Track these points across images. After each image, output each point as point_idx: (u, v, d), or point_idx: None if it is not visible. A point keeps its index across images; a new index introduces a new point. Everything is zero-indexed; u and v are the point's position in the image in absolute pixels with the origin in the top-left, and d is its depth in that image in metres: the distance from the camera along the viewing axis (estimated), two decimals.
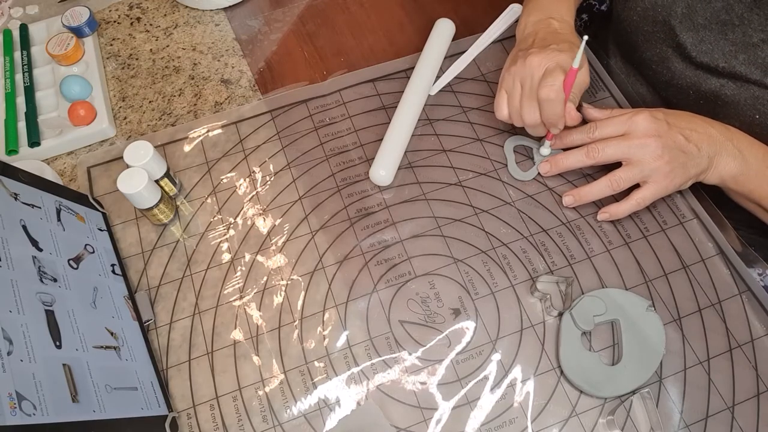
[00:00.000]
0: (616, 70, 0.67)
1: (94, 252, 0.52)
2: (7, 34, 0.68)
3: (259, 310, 0.53)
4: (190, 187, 0.59)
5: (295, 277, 0.54)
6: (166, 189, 0.57)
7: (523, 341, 0.50)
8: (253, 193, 0.59)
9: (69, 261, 0.48)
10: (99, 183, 0.60)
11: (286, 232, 0.56)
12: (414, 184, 0.58)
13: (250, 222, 0.57)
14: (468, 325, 0.51)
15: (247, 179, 0.59)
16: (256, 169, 0.60)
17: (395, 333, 0.51)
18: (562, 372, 0.49)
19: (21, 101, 0.63)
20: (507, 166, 0.59)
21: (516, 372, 0.49)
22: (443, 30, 0.66)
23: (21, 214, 0.46)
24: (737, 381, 0.48)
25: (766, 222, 0.54)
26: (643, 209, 0.55)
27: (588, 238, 0.55)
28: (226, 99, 0.65)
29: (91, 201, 0.56)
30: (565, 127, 0.54)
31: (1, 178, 0.47)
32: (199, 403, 0.49)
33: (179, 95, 0.66)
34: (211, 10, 0.72)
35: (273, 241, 0.56)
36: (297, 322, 0.52)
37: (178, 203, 0.58)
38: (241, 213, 0.57)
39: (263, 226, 0.57)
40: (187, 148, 0.61)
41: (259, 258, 0.55)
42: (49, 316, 0.42)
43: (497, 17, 0.68)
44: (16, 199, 0.47)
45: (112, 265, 0.53)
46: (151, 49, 0.70)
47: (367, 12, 0.72)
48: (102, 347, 0.45)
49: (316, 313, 0.52)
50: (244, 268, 0.54)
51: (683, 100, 0.58)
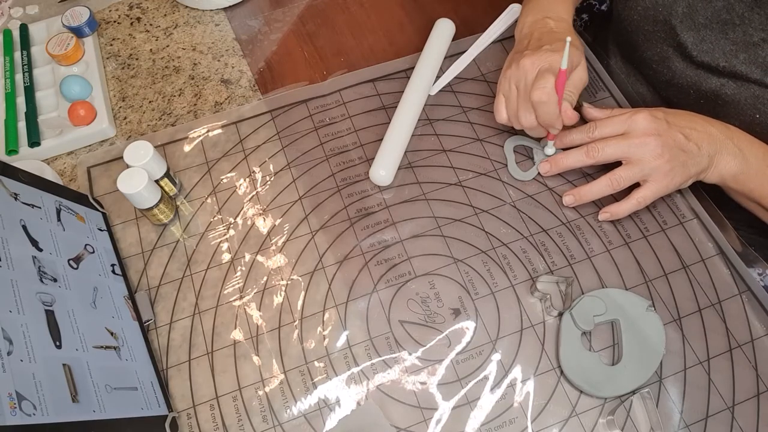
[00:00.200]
0: (616, 70, 0.67)
1: (94, 252, 0.52)
2: (7, 34, 0.68)
3: (259, 310, 0.53)
4: (190, 187, 0.59)
5: (295, 277, 0.54)
6: (166, 189, 0.57)
7: (523, 341, 0.50)
8: (253, 193, 0.59)
9: (69, 261, 0.48)
10: (99, 183, 0.60)
11: (286, 232, 0.56)
12: (414, 184, 0.58)
13: (250, 222, 0.57)
14: (468, 325, 0.51)
15: (247, 179, 0.59)
16: (256, 169, 0.60)
17: (395, 333, 0.51)
18: (562, 372, 0.49)
19: (21, 101, 0.63)
20: (507, 166, 0.59)
21: (516, 372, 0.49)
22: (443, 30, 0.66)
23: (21, 214, 0.46)
24: (737, 381, 0.48)
25: (766, 221, 0.54)
26: (643, 209, 0.55)
27: (588, 238, 0.55)
28: (226, 99, 0.65)
29: (91, 201, 0.56)
30: (565, 127, 0.54)
31: (1, 178, 0.47)
32: (199, 403, 0.49)
33: (179, 95, 0.66)
34: (211, 10, 0.72)
35: (273, 241, 0.56)
36: (297, 322, 0.52)
37: (178, 203, 0.58)
38: (241, 213, 0.57)
39: (263, 226, 0.57)
40: (187, 148, 0.61)
41: (259, 258, 0.55)
42: (49, 316, 0.42)
43: (497, 17, 0.68)
44: (16, 199, 0.47)
45: (112, 265, 0.53)
46: (151, 49, 0.70)
47: (367, 12, 0.72)
48: (102, 347, 0.45)
49: (316, 313, 0.52)
50: (244, 268, 0.54)
51: (684, 99, 0.58)
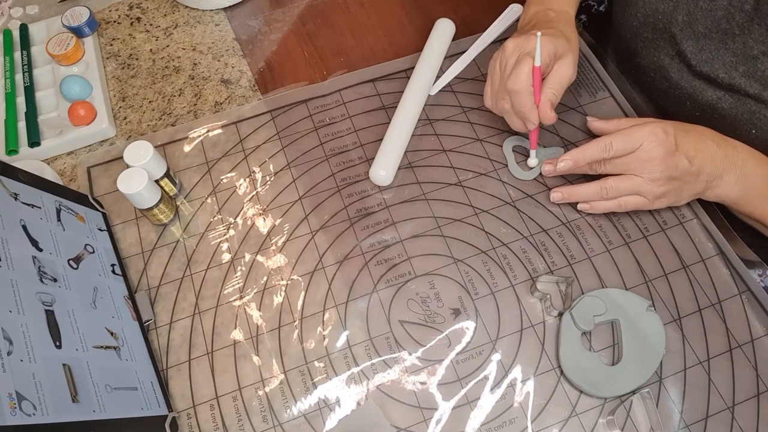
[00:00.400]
0: (616, 70, 0.67)
1: (94, 252, 0.52)
2: (7, 34, 0.68)
3: (259, 310, 0.53)
4: (190, 187, 0.59)
5: (295, 277, 0.54)
6: (166, 189, 0.57)
7: (523, 341, 0.50)
8: (253, 193, 0.58)
9: (69, 261, 0.48)
10: (99, 183, 0.60)
11: (286, 232, 0.56)
12: (414, 184, 0.58)
13: (250, 222, 0.57)
14: (468, 325, 0.51)
15: (247, 179, 0.59)
16: (256, 169, 0.60)
17: (395, 333, 0.51)
18: (562, 372, 0.49)
19: (21, 101, 0.63)
20: (507, 165, 0.59)
21: (516, 372, 0.49)
22: (443, 30, 0.66)
23: (21, 214, 0.46)
24: (737, 381, 0.48)
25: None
26: None
27: (588, 238, 0.55)
28: (226, 99, 0.65)
29: (91, 201, 0.56)
30: (577, 126, 0.53)
31: (1, 178, 0.47)
32: (199, 403, 0.49)
33: (179, 95, 0.66)
34: (211, 10, 0.72)
35: (273, 241, 0.56)
36: (297, 322, 0.52)
37: (178, 203, 0.58)
38: (241, 213, 0.57)
39: (263, 226, 0.57)
40: (187, 148, 0.61)
41: (259, 258, 0.55)
42: (49, 316, 0.42)
43: (497, 17, 0.68)
44: (16, 199, 0.47)
45: (112, 265, 0.53)
46: (151, 49, 0.70)
47: (367, 12, 0.72)
48: (102, 347, 0.45)
49: (316, 313, 0.52)
50: (244, 268, 0.54)
51: (680, 110, 0.58)
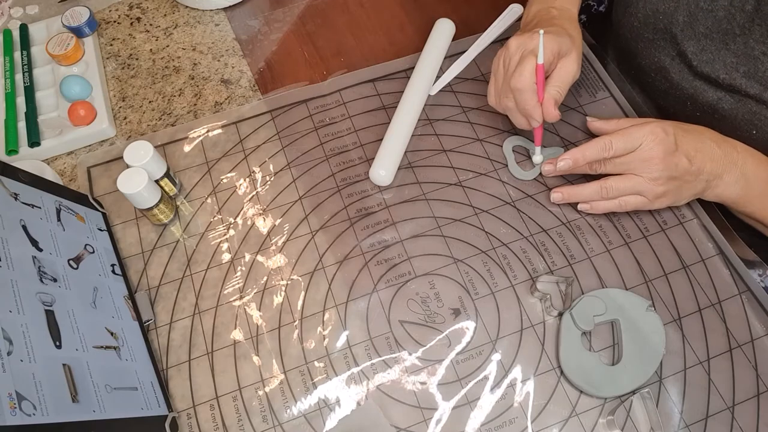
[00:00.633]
0: (616, 71, 0.67)
1: (94, 252, 0.52)
2: (7, 34, 0.68)
3: (259, 310, 0.53)
4: (190, 187, 0.59)
5: (295, 277, 0.54)
6: (166, 189, 0.57)
7: (523, 341, 0.50)
8: (253, 193, 0.58)
9: (69, 261, 0.48)
10: (99, 183, 0.60)
11: (286, 232, 0.56)
12: (414, 184, 0.58)
13: (250, 222, 0.57)
14: (468, 325, 0.51)
15: (247, 179, 0.59)
16: (256, 169, 0.60)
17: (395, 333, 0.51)
18: (562, 372, 0.49)
19: (21, 101, 0.63)
20: (507, 165, 0.59)
21: (516, 372, 0.49)
22: (443, 30, 0.66)
23: (21, 214, 0.46)
24: (737, 381, 0.48)
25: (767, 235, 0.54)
26: None
27: (588, 238, 0.55)
28: (226, 99, 0.65)
29: (91, 201, 0.56)
30: (576, 126, 0.53)
31: (1, 178, 0.47)
32: (199, 403, 0.49)
33: (179, 95, 0.66)
34: (211, 10, 0.72)
35: (273, 241, 0.56)
36: (297, 322, 0.52)
37: (178, 203, 0.58)
38: (241, 213, 0.57)
39: (263, 226, 0.57)
40: (187, 148, 0.61)
41: (259, 258, 0.55)
42: (49, 316, 0.42)
43: (497, 17, 0.68)
44: (16, 199, 0.47)
45: (112, 265, 0.53)
46: (151, 49, 0.70)
47: (367, 12, 0.72)
48: (102, 347, 0.45)
49: (316, 313, 0.52)
50: (244, 268, 0.54)
51: (680, 111, 0.58)
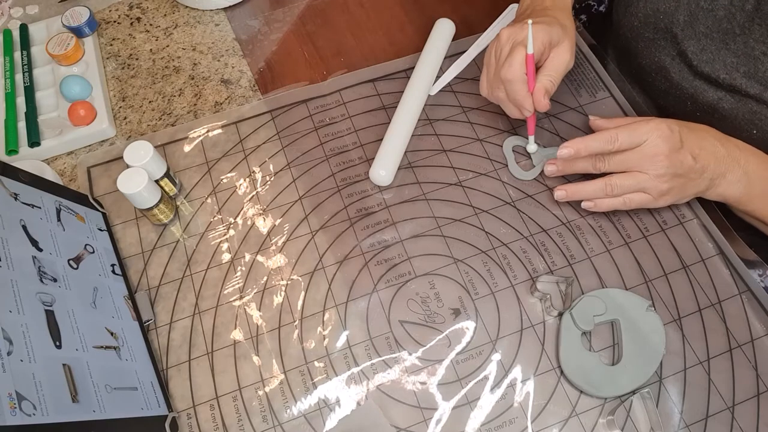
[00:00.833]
0: (616, 71, 0.67)
1: (94, 252, 0.52)
2: (7, 34, 0.68)
3: (259, 310, 0.53)
4: (190, 187, 0.59)
5: (295, 277, 0.54)
6: (166, 189, 0.57)
7: (523, 341, 0.50)
8: (253, 193, 0.58)
9: (69, 261, 0.48)
10: (99, 183, 0.60)
11: (286, 232, 0.56)
12: (414, 184, 0.58)
13: (250, 222, 0.57)
14: (468, 325, 0.51)
15: (247, 179, 0.59)
16: (256, 169, 0.60)
17: (395, 333, 0.51)
18: (562, 372, 0.49)
19: (21, 101, 0.63)
20: (507, 165, 0.59)
21: (516, 372, 0.49)
22: (443, 30, 0.66)
23: (21, 214, 0.46)
24: (737, 381, 0.48)
25: None
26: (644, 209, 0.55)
27: (588, 238, 0.55)
28: (226, 99, 0.65)
29: (91, 201, 0.56)
30: (577, 126, 0.53)
31: (1, 178, 0.47)
32: (199, 403, 0.49)
33: (179, 95, 0.66)
34: (211, 10, 0.72)
35: (273, 241, 0.56)
36: (297, 322, 0.52)
37: (178, 203, 0.58)
38: (241, 213, 0.57)
39: (263, 226, 0.57)
40: (187, 148, 0.61)
41: (259, 258, 0.55)
42: (49, 316, 0.42)
43: (497, 17, 0.68)
44: (16, 199, 0.47)
45: (112, 265, 0.53)
46: (151, 49, 0.70)
47: (367, 12, 0.72)
48: (102, 347, 0.45)
49: (316, 313, 0.52)
50: (244, 268, 0.54)
51: (680, 110, 0.58)
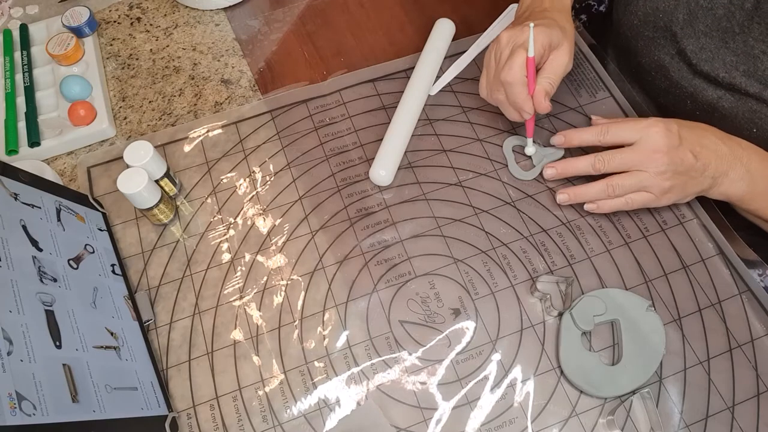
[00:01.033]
0: (616, 71, 0.67)
1: (94, 252, 0.52)
2: (7, 34, 0.68)
3: (259, 310, 0.53)
4: (190, 187, 0.59)
5: (295, 277, 0.54)
6: (166, 189, 0.57)
7: (523, 341, 0.50)
8: (253, 193, 0.58)
9: (69, 261, 0.48)
10: (99, 183, 0.60)
11: (286, 232, 0.56)
12: (414, 184, 0.58)
13: (250, 222, 0.57)
14: (468, 325, 0.51)
15: (247, 179, 0.59)
16: (256, 169, 0.60)
17: (395, 333, 0.51)
18: (562, 372, 0.49)
19: (21, 101, 0.63)
20: (507, 165, 0.59)
21: (516, 372, 0.49)
22: (443, 30, 0.66)
23: (21, 214, 0.46)
24: (737, 381, 0.48)
25: None
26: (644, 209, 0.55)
27: (588, 238, 0.55)
28: (226, 99, 0.65)
29: (91, 201, 0.56)
30: (578, 126, 0.53)
31: (1, 178, 0.47)
32: (199, 403, 0.49)
33: (179, 95, 0.66)
34: (211, 10, 0.72)
35: (273, 241, 0.56)
36: (297, 322, 0.52)
37: (178, 203, 0.58)
38: (241, 213, 0.57)
39: (263, 226, 0.57)
40: (187, 148, 0.61)
41: (259, 258, 0.55)
42: (49, 316, 0.42)
43: (497, 17, 0.68)
44: (16, 199, 0.47)
45: (112, 265, 0.53)
46: (151, 49, 0.70)
47: (367, 12, 0.72)
48: (102, 347, 0.45)
49: (316, 313, 0.52)
50: (244, 268, 0.54)
51: (680, 109, 0.58)
